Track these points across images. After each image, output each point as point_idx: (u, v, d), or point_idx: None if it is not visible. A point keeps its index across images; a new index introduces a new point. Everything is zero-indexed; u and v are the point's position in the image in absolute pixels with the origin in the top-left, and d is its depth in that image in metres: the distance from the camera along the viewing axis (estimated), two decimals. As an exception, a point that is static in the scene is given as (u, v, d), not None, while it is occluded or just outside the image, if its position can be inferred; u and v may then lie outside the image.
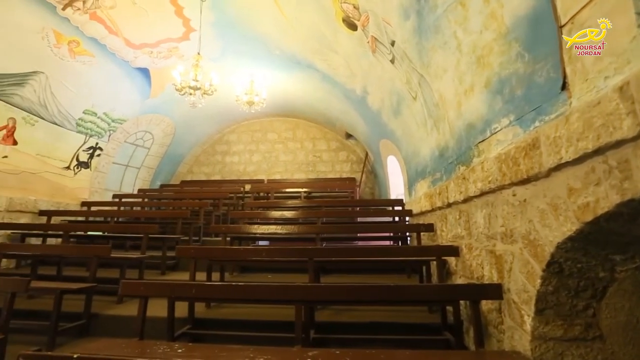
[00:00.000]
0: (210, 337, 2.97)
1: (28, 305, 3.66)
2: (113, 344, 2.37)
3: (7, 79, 5.18)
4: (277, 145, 10.41)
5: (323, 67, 6.45)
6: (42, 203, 6.21)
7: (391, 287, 2.42)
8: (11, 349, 2.68)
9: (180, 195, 8.09)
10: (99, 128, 7.00)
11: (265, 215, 5.59)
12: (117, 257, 4.11)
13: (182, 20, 5.71)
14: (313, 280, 3.37)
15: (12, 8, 4.59)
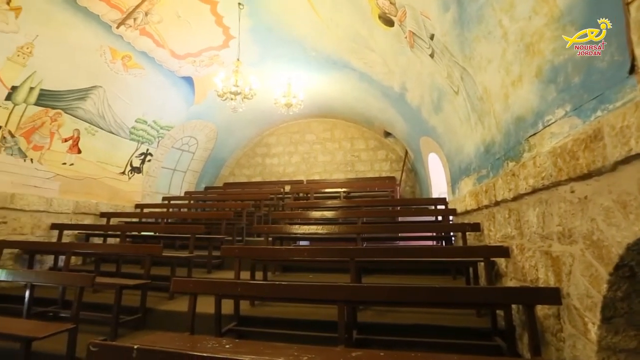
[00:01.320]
0: (255, 334, 3.06)
1: (93, 298, 4.01)
2: (167, 338, 2.52)
3: (73, 94, 5.71)
4: (315, 146, 10.49)
5: (359, 65, 6.40)
6: (102, 205, 6.77)
7: (438, 288, 2.33)
8: (80, 337, 2.95)
9: (223, 197, 8.42)
10: (149, 135, 7.49)
11: (305, 216, 5.65)
12: (168, 256, 4.37)
13: (222, 28, 5.95)
14: (355, 281, 3.35)
15: (76, 31, 5.06)
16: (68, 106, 5.76)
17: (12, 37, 4.59)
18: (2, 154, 5.10)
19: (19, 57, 4.81)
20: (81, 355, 2.90)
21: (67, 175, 6.09)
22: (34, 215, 5.52)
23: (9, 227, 5.15)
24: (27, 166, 5.44)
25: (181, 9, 5.40)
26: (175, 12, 5.47)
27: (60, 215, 5.92)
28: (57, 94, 5.51)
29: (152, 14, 5.38)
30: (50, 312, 3.85)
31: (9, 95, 4.96)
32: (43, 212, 5.65)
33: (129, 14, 5.25)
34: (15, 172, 5.27)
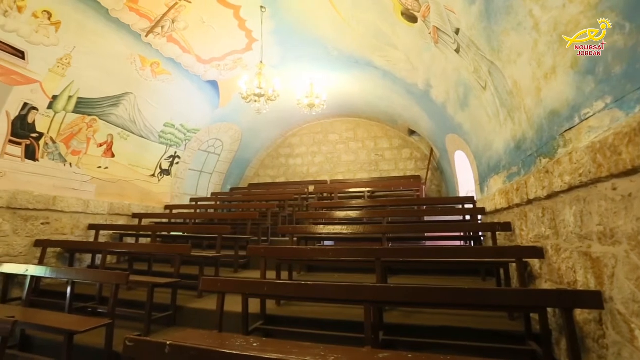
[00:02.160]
0: (281, 333, 3.09)
1: (127, 295, 4.19)
2: (197, 335, 2.59)
3: (106, 101, 6.00)
4: (338, 146, 10.48)
5: (382, 63, 6.33)
6: (134, 207, 7.07)
7: (468, 290, 2.26)
8: (115, 332, 3.10)
9: (248, 197, 8.58)
10: (177, 138, 7.74)
11: (330, 216, 5.65)
12: (196, 255, 4.49)
13: (244, 32, 6.06)
14: (380, 281, 3.31)
15: (109, 41, 5.31)
16: (102, 112, 6.05)
17: (52, 49, 4.88)
18: (45, 159, 5.43)
19: (58, 68, 5.10)
20: (117, 349, 3.05)
21: (102, 178, 6.40)
22: (73, 217, 5.84)
23: (51, 227, 5.47)
24: (66, 170, 5.77)
25: (205, 14, 5.55)
26: (200, 18, 5.62)
27: (96, 217, 6.23)
28: (92, 101, 5.81)
29: (178, 21, 5.56)
30: (89, 308, 4.06)
31: (50, 104, 5.28)
32: (81, 213, 5.97)
33: (157, 22, 5.45)
34: (56, 176, 5.60)
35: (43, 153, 5.39)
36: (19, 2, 4.29)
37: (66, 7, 4.63)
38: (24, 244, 5.08)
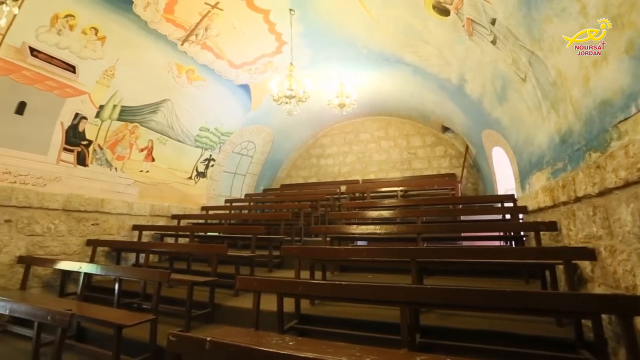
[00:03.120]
0: (316, 333, 3.10)
1: (168, 292, 4.38)
2: (234, 332, 2.66)
3: (147, 109, 6.34)
4: (370, 145, 10.37)
5: (413, 59, 6.18)
6: (173, 208, 7.40)
7: (512, 292, 2.15)
8: (158, 327, 3.25)
9: (281, 198, 8.70)
10: (212, 142, 8.02)
11: (362, 216, 5.61)
12: (232, 255, 4.62)
13: (274, 35, 6.16)
14: (416, 282, 3.23)
15: (148, 51, 5.61)
16: (143, 119, 6.40)
17: (99, 62, 5.23)
18: (94, 165, 5.83)
19: (104, 80, 5.46)
20: (161, 343, 3.20)
21: (144, 181, 6.76)
22: (119, 218, 6.21)
23: (100, 228, 5.86)
24: (112, 174, 6.16)
25: (236, 20, 5.70)
26: (232, 24, 5.78)
27: (139, 218, 6.59)
28: (134, 109, 6.16)
29: (211, 28, 5.75)
30: (135, 304, 4.30)
31: (98, 114, 5.66)
32: (126, 214, 6.34)
33: (192, 31, 5.68)
34: (103, 180, 5.99)
35: (92, 159, 5.79)
36: (71, 21, 4.64)
37: (110, 23, 4.94)
38: (78, 243, 5.49)
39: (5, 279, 4.57)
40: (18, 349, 3.78)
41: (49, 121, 5.13)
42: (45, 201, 5.07)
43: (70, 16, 4.60)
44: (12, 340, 4.05)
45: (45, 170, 5.14)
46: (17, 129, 4.75)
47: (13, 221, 4.71)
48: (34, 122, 4.92)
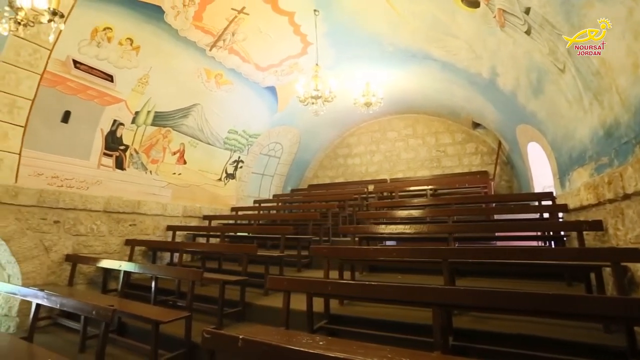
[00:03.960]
0: (345, 333, 3.08)
1: (200, 290, 4.51)
2: (265, 331, 2.70)
3: (178, 113, 6.59)
4: (397, 144, 10.21)
5: (441, 55, 6.02)
6: (204, 209, 7.64)
7: (554, 296, 2.03)
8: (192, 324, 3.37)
9: (308, 198, 8.75)
10: (240, 144, 8.20)
11: (391, 215, 5.53)
12: (262, 255, 4.70)
13: (299, 37, 6.21)
14: (448, 283, 3.14)
15: (179, 58, 5.83)
16: (175, 124, 6.65)
17: (134, 71, 5.50)
18: (131, 168, 6.12)
19: (139, 87, 5.73)
20: (195, 340, 3.31)
21: (177, 183, 7.03)
22: (154, 219, 6.49)
23: (137, 228, 6.15)
24: (147, 177, 6.45)
25: (262, 24, 5.80)
26: (258, 28, 5.89)
27: (172, 219, 6.86)
28: (166, 114, 6.42)
29: (238, 33, 5.89)
30: (170, 301, 4.47)
31: (133, 120, 5.95)
32: (160, 215, 6.61)
33: (219, 36, 5.84)
34: (139, 183, 6.29)
35: (129, 163, 6.09)
36: (108, 34, 4.91)
37: (144, 33, 5.18)
38: (117, 243, 5.79)
39: (55, 275, 4.91)
40: (67, 340, 4.06)
41: (90, 128, 5.45)
42: (88, 203, 5.39)
43: (108, 29, 4.87)
44: (62, 332, 4.36)
45: (88, 174, 5.47)
46: (63, 136, 5.08)
47: (61, 222, 5.05)
48: (78, 129, 5.25)
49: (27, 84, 4.46)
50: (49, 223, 4.91)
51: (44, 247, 4.82)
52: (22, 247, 4.59)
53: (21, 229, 4.59)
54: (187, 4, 5.09)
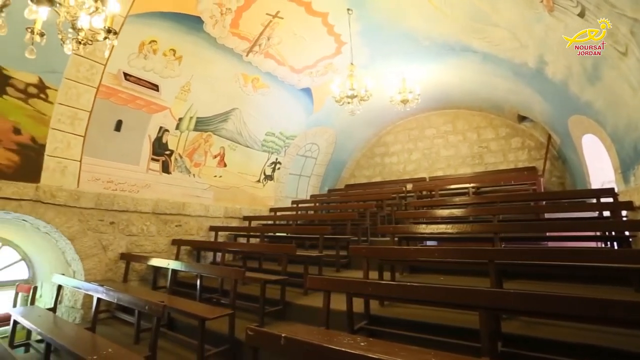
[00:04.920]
0: (386, 334, 3.02)
1: (241, 289, 4.65)
2: (306, 330, 2.73)
3: (218, 118, 6.85)
4: (436, 141, 9.88)
5: (481, 46, 5.74)
6: (244, 210, 7.87)
7: (624, 302, 1.84)
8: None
9: (345, 198, 8.72)
10: (277, 145, 8.36)
11: (431, 215, 5.36)
12: (301, 255, 4.75)
13: (333, 37, 6.21)
14: (495, 285, 2.98)
15: (217, 65, 6.07)
16: (215, 128, 6.93)
17: (177, 80, 5.80)
18: (176, 172, 6.47)
19: (181, 95, 6.04)
20: (237, 336, 3.42)
21: (218, 185, 7.31)
22: (198, 220, 6.80)
23: (182, 229, 6.48)
24: (191, 180, 6.77)
25: (296, 26, 5.87)
26: (292, 31, 5.97)
27: (215, 219, 7.14)
28: (207, 119, 6.70)
29: (273, 37, 6.02)
30: (214, 298, 4.65)
31: (177, 126, 6.28)
32: (203, 216, 6.92)
33: (255, 41, 6.00)
34: (184, 186, 6.62)
35: (174, 167, 6.44)
36: (154, 46, 5.23)
37: (186, 43, 5.45)
38: (165, 243, 6.14)
39: (112, 272, 5.31)
40: (123, 332, 4.37)
41: (139, 135, 5.82)
42: (139, 205, 5.77)
43: (153, 41, 5.18)
44: (118, 324, 4.70)
45: (138, 178, 5.85)
46: (116, 144, 5.48)
47: (116, 223, 5.45)
48: (128, 136, 5.63)
49: (86, 97, 4.86)
50: (106, 224, 5.32)
51: (102, 246, 5.23)
52: (84, 245, 5.01)
53: (83, 230, 5.02)
54: (224, 12, 5.28)
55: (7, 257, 5.38)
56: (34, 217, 4.52)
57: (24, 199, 4.42)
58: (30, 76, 4.32)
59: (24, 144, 4.43)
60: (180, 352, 3.70)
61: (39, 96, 4.44)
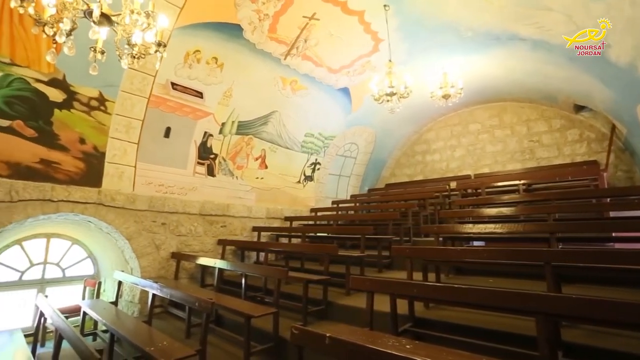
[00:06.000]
0: (432, 338, 2.92)
1: (284, 288, 4.74)
2: (350, 330, 2.71)
3: (258, 122, 7.06)
4: (481, 136, 9.39)
5: (531, 32, 5.36)
6: (285, 210, 8.03)
7: None
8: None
9: (386, 198, 8.57)
10: (316, 146, 8.43)
11: (478, 214, 5.10)
12: (342, 255, 4.74)
13: (370, 35, 6.14)
14: (552, 289, 2.77)
15: (257, 70, 6.26)
16: (256, 131, 7.14)
17: (219, 86, 6.06)
18: (220, 175, 6.75)
19: (224, 100, 6.29)
20: (282, 335, 3.48)
21: (260, 187, 7.52)
22: (241, 220, 7.05)
23: (227, 229, 6.75)
24: (234, 182, 7.03)
25: (333, 27, 5.88)
26: (328, 32, 5.99)
27: (257, 220, 7.35)
28: (248, 123, 6.92)
29: (310, 39, 6.08)
30: (258, 297, 4.79)
31: (220, 130, 6.55)
32: (246, 217, 7.15)
33: (292, 44, 6.09)
34: (228, 188, 6.89)
35: (218, 170, 6.72)
36: (198, 55, 5.51)
37: (227, 51, 5.68)
38: (211, 242, 6.43)
39: (164, 270, 5.66)
40: (175, 326, 4.65)
41: (186, 140, 6.16)
42: (187, 207, 6.10)
43: (197, 51, 5.46)
44: (170, 319, 5.00)
45: (186, 181, 6.18)
46: (166, 149, 5.84)
47: (166, 224, 5.81)
48: (176, 142, 5.97)
49: (139, 107, 5.24)
50: (158, 225, 5.68)
51: (155, 246, 5.60)
52: (140, 245, 5.40)
53: (138, 230, 5.40)
54: (262, 18, 5.43)
55: (76, 255, 5.94)
56: (97, 218, 4.96)
57: (89, 202, 4.87)
58: (92, 90, 4.75)
59: (88, 152, 4.87)
60: (227, 348, 3.85)
61: (99, 108, 4.86)
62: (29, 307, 5.25)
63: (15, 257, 5.27)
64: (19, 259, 5.31)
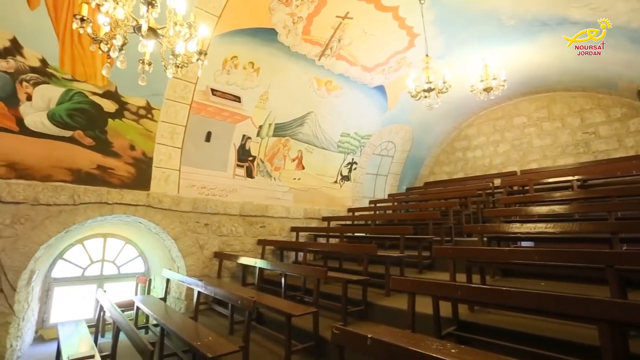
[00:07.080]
0: (478, 342, 2.77)
1: (323, 288, 4.76)
2: (391, 332, 2.65)
3: (294, 123, 7.15)
4: (527, 130, 8.82)
5: (583, 15, 4.96)
6: (323, 211, 8.06)
7: None
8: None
9: (425, 197, 8.32)
10: (353, 146, 8.38)
11: (526, 212, 4.79)
12: (381, 255, 4.66)
13: (405, 30, 6.00)
14: (616, 295, 2.52)
15: (292, 72, 6.34)
16: (292, 133, 7.23)
17: (256, 90, 6.22)
18: (258, 176, 6.93)
19: (260, 103, 6.44)
20: (322, 334, 3.49)
21: (297, 187, 7.61)
22: (280, 221, 7.18)
23: (266, 230, 6.91)
24: (272, 183, 7.18)
25: (366, 25, 5.81)
26: (362, 30, 5.94)
27: (295, 220, 7.45)
28: (284, 125, 7.03)
29: (343, 38, 6.05)
30: (297, 296, 4.84)
31: (258, 133, 6.72)
32: (284, 218, 7.26)
33: (326, 45, 6.10)
34: (266, 189, 7.05)
35: (257, 171, 6.90)
36: (235, 61, 5.69)
37: (262, 55, 5.81)
38: (251, 242, 6.61)
39: (208, 269, 5.91)
40: (219, 323, 4.84)
41: (226, 144, 6.38)
42: (228, 208, 6.32)
43: (234, 57, 5.64)
44: (214, 316, 5.22)
45: (226, 183, 6.41)
46: (207, 153, 6.09)
47: (209, 224, 6.05)
48: (217, 146, 6.21)
49: (182, 113, 5.51)
50: (201, 225, 5.94)
51: (199, 245, 5.86)
52: (185, 244, 5.68)
53: (183, 231, 5.69)
54: (296, 21, 5.49)
55: (129, 254, 6.39)
56: (146, 219, 5.29)
57: (139, 205, 5.21)
58: (140, 100, 5.08)
59: (138, 157, 5.21)
60: (269, 345, 3.93)
61: (147, 116, 5.19)
62: (90, 301, 5.74)
63: (77, 255, 5.78)
64: (81, 257, 5.82)
